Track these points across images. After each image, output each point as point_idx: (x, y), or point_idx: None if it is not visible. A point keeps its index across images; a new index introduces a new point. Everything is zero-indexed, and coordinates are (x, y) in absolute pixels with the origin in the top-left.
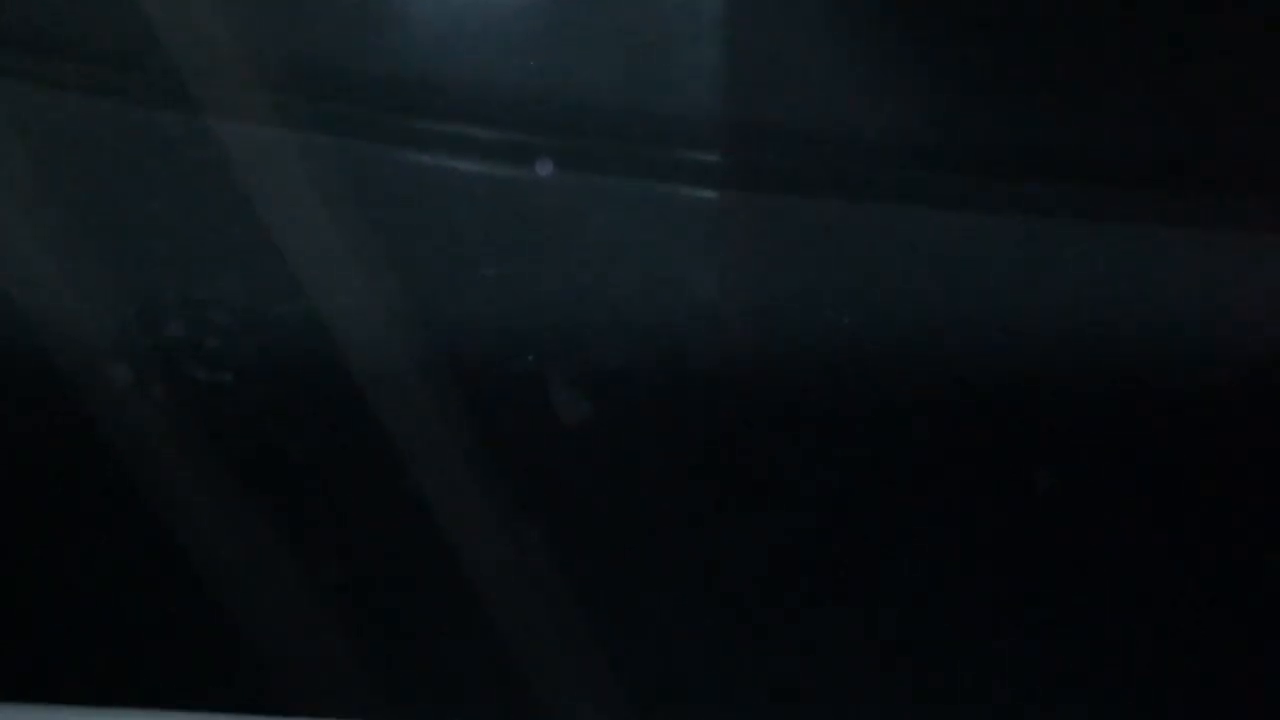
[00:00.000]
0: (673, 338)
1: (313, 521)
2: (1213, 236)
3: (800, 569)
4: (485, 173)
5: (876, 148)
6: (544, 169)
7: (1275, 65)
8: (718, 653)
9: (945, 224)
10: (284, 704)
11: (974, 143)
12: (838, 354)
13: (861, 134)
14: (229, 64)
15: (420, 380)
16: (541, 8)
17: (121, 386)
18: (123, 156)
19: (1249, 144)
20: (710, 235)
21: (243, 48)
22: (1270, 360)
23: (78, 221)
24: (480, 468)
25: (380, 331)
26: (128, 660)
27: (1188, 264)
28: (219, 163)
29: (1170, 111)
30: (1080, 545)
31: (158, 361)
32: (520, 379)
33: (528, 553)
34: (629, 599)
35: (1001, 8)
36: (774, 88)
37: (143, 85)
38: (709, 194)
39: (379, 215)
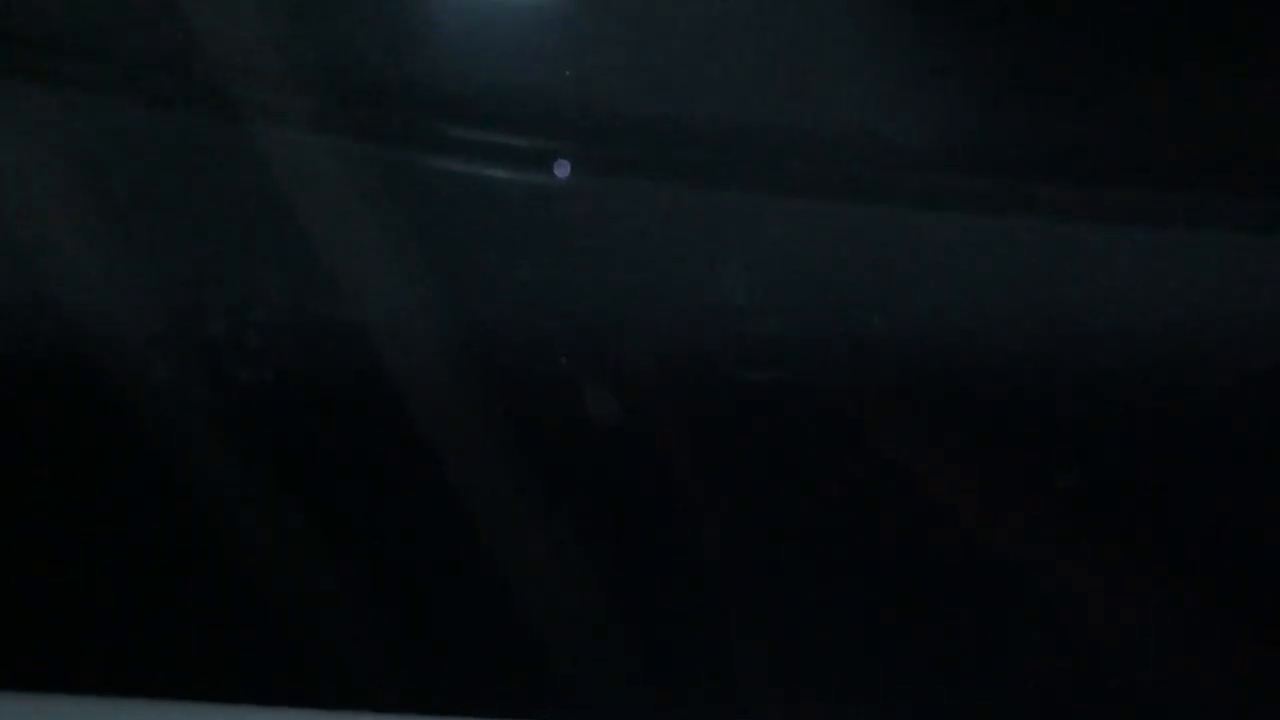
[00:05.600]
0: (701, 340)
1: (349, 518)
2: (1233, 238)
3: (828, 567)
4: (518, 178)
5: (902, 152)
6: (574, 175)
7: None
8: (745, 649)
9: (967, 227)
10: (320, 696)
11: (994, 146)
12: (863, 355)
13: (887, 139)
14: (268, 71)
15: (454, 379)
16: (572, 17)
17: (164, 385)
18: (164, 160)
19: (1261, 146)
20: (737, 239)
21: (281, 56)
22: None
23: (121, 224)
24: (512, 466)
25: (415, 332)
26: (165, 653)
27: (1204, 265)
28: (258, 167)
29: (1183, 113)
30: (1097, 545)
31: (199, 361)
32: (551, 379)
33: (558, 551)
34: (657, 596)
35: (1018, 8)
36: (799, 94)
37: (184, 91)
38: (736, 198)
39: (414, 219)
